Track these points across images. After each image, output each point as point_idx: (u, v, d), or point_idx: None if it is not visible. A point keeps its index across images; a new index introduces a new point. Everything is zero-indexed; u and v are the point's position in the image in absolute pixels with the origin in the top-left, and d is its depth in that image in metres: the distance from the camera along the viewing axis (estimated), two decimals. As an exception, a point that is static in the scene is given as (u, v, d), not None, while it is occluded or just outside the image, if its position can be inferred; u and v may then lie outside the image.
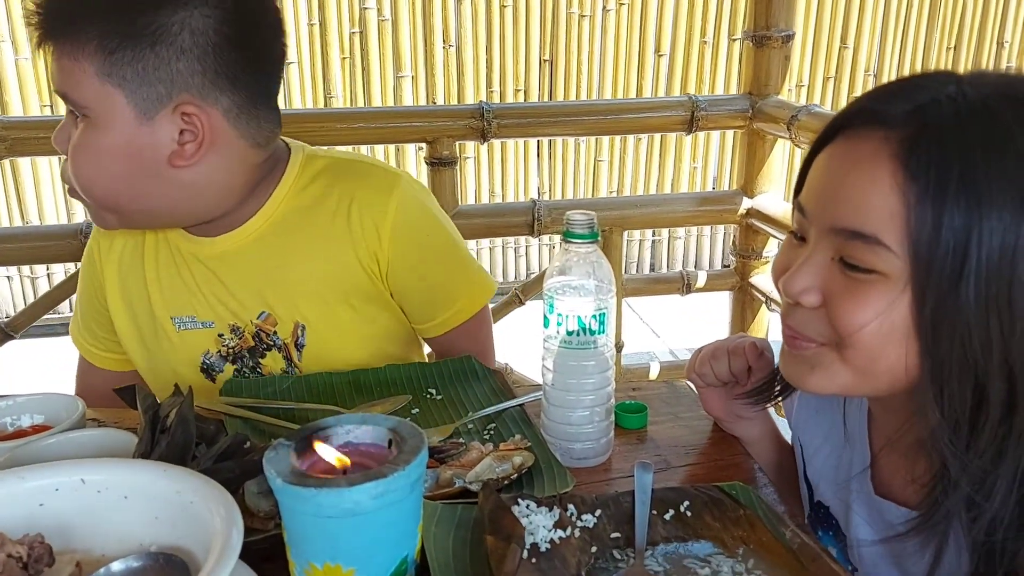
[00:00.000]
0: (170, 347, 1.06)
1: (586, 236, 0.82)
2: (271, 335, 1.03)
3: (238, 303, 1.03)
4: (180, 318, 1.04)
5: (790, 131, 1.84)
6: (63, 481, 0.64)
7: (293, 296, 1.02)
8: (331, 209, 1.01)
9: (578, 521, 0.71)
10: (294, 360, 1.04)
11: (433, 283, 1.07)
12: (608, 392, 0.85)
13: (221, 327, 1.04)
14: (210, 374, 1.05)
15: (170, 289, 1.04)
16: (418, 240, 1.04)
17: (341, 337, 1.04)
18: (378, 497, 0.57)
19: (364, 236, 1.01)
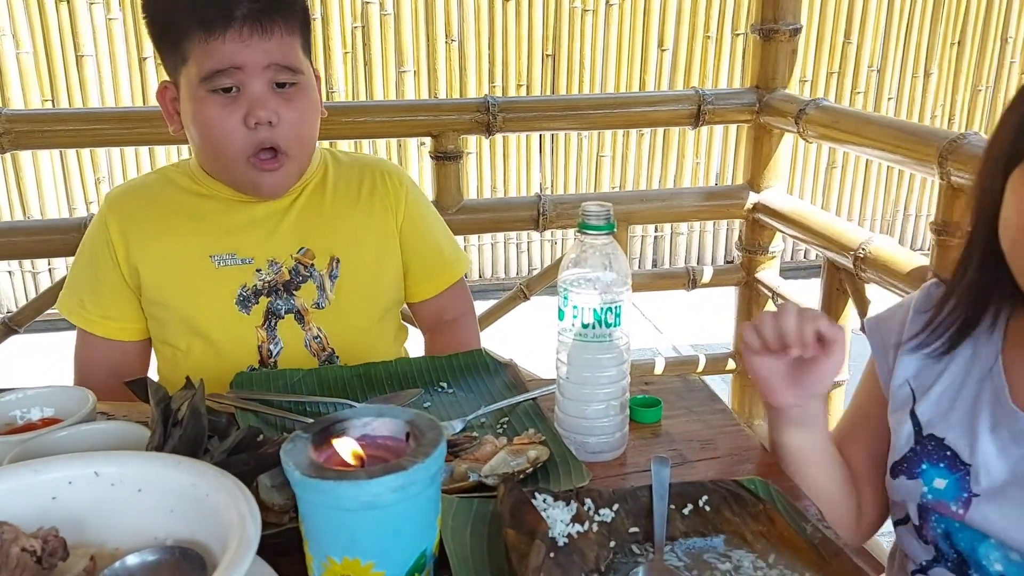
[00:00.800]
0: (208, 285, 1.12)
1: (602, 227, 0.81)
2: (308, 267, 1.15)
3: (278, 238, 1.14)
4: (219, 255, 1.13)
5: (798, 125, 1.83)
6: (77, 474, 0.63)
7: (330, 234, 1.16)
8: (357, 177, 1.21)
9: (596, 515, 0.70)
10: (327, 291, 1.15)
11: (434, 243, 1.26)
12: (624, 386, 0.84)
13: (260, 263, 1.13)
14: (246, 306, 1.13)
15: (210, 232, 1.13)
16: (423, 208, 1.26)
17: (368, 270, 1.18)
18: (398, 490, 0.56)
19: (386, 196, 1.20)
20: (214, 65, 1.01)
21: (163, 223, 1.13)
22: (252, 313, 1.12)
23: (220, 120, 1.03)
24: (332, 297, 1.15)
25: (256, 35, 1.01)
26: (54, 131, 1.70)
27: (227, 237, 1.13)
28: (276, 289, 1.13)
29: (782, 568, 0.65)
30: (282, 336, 1.13)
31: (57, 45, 3.50)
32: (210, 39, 1.00)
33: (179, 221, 1.13)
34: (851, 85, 4.25)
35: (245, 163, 1.07)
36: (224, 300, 1.12)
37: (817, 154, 4.33)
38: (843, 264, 1.73)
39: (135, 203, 1.15)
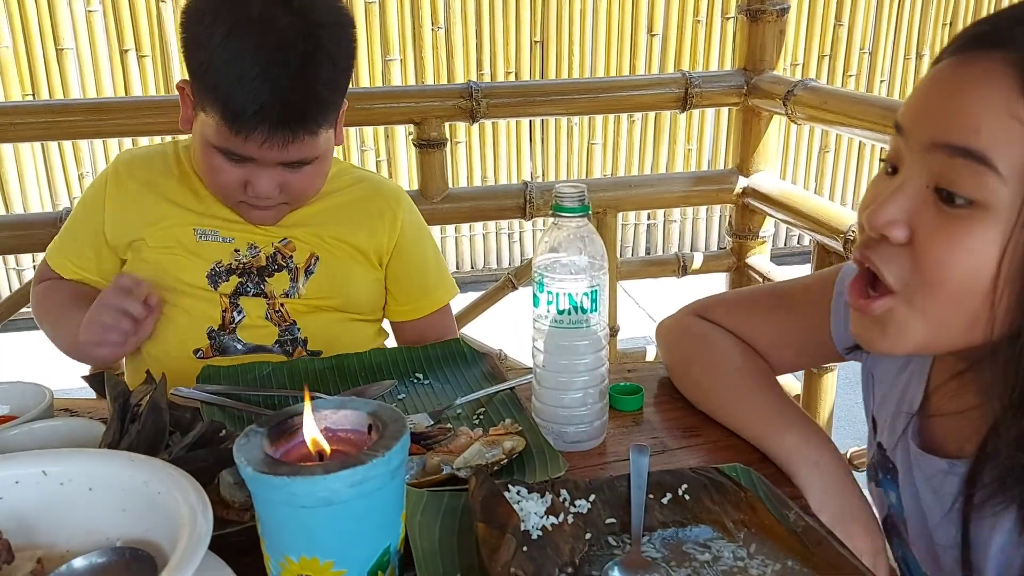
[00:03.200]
0: (185, 253, 1.12)
1: (576, 209, 0.78)
2: (287, 258, 1.14)
3: (264, 229, 1.14)
4: (203, 230, 1.13)
5: (786, 107, 1.79)
6: (23, 473, 0.60)
7: (315, 234, 1.16)
8: (357, 195, 1.20)
9: (571, 507, 0.67)
10: (299, 284, 1.14)
11: (422, 270, 1.25)
12: (602, 373, 0.81)
13: (240, 244, 1.13)
14: (215, 282, 1.12)
15: (200, 210, 1.13)
16: (417, 235, 1.25)
17: (345, 275, 1.17)
18: (356, 485, 0.53)
19: (382, 217, 1.19)
20: (228, 146, 1.01)
21: (161, 195, 1.14)
22: (219, 289, 1.12)
23: (222, 172, 1.05)
24: (303, 291, 1.14)
25: (276, 144, 0.99)
26: (27, 124, 1.66)
27: (215, 219, 1.13)
28: (249, 271, 1.13)
29: (763, 558, 0.62)
30: (244, 306, 1.13)
31: (37, 38, 3.46)
32: (231, 127, 0.98)
33: (175, 194, 1.14)
34: (843, 68, 4.21)
35: (235, 205, 1.11)
36: (197, 271, 1.12)
37: (810, 138, 4.30)
38: (833, 247, 1.70)
39: (141, 171, 1.16)
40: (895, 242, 0.61)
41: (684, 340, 0.94)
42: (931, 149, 0.60)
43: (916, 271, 0.61)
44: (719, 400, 0.87)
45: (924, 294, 0.61)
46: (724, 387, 0.87)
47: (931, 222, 0.60)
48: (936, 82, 0.62)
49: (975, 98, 0.58)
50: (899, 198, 0.61)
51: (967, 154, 0.57)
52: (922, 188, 0.61)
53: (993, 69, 0.58)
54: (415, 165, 1.82)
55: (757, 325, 0.91)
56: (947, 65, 0.62)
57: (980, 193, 0.57)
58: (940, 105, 0.60)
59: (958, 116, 0.58)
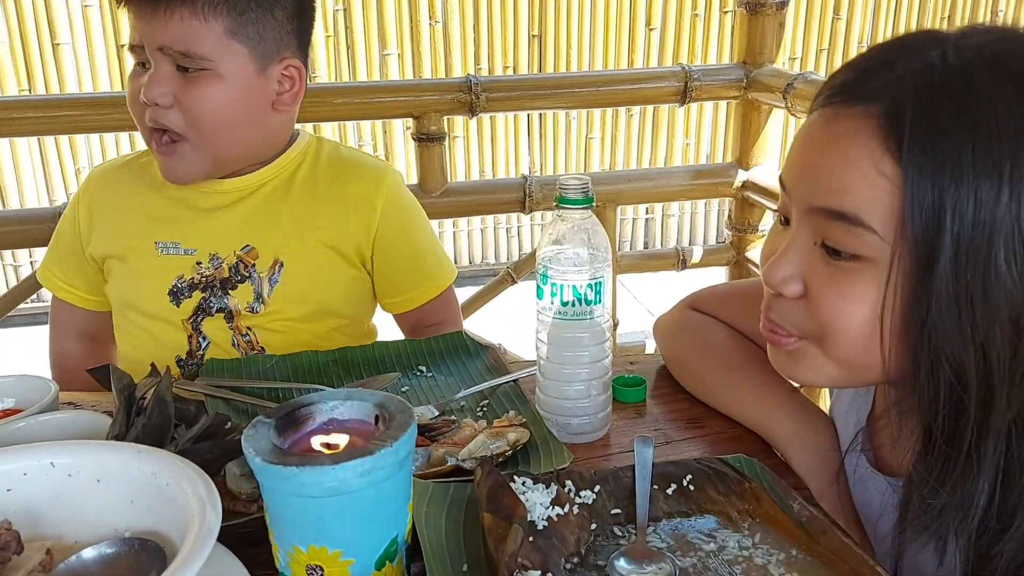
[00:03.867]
0: (148, 270, 1.10)
1: (580, 201, 0.78)
2: (249, 267, 1.09)
3: (226, 234, 1.09)
4: (164, 243, 1.10)
5: (786, 100, 1.80)
6: (31, 465, 0.60)
7: (280, 235, 1.10)
8: (332, 179, 1.13)
9: (576, 498, 0.68)
10: (263, 296, 1.09)
11: (414, 257, 1.17)
12: (605, 365, 0.81)
13: (201, 255, 1.09)
14: (177, 299, 1.10)
15: (161, 217, 1.11)
16: (404, 218, 1.16)
17: (312, 278, 1.11)
18: (365, 475, 0.54)
19: (358, 206, 1.12)
20: (132, 38, 1.01)
21: (127, 205, 1.13)
22: (182, 307, 1.09)
23: (132, 93, 1.02)
24: (269, 302, 1.09)
25: (156, 15, 0.96)
26: (24, 118, 1.65)
27: (176, 224, 1.10)
28: (212, 285, 1.09)
29: (768, 547, 0.63)
30: (208, 332, 1.10)
31: (33, 34, 3.44)
32: (128, 11, 1.00)
33: (141, 204, 1.12)
34: (841, 62, 4.19)
35: (148, 140, 1.05)
36: (159, 289, 1.09)
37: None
38: (832, 240, 1.70)
39: (109, 184, 1.15)
40: (791, 296, 0.63)
41: (681, 334, 0.95)
42: (810, 211, 0.61)
43: (813, 321, 0.63)
44: (719, 389, 0.88)
45: (825, 340, 0.63)
46: (723, 376, 0.88)
47: (821, 275, 0.62)
48: (808, 140, 0.63)
49: (841, 158, 0.59)
50: (791, 255, 0.63)
51: (841, 216, 0.59)
52: (810, 244, 0.63)
53: (855, 126, 0.59)
54: (414, 159, 1.82)
55: (749, 316, 0.91)
56: (816, 120, 0.63)
57: (861, 249, 0.59)
58: (812, 166, 0.61)
59: (828, 178, 0.60)
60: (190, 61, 0.98)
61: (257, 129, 1.07)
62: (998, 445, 0.59)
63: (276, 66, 1.05)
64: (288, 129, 1.13)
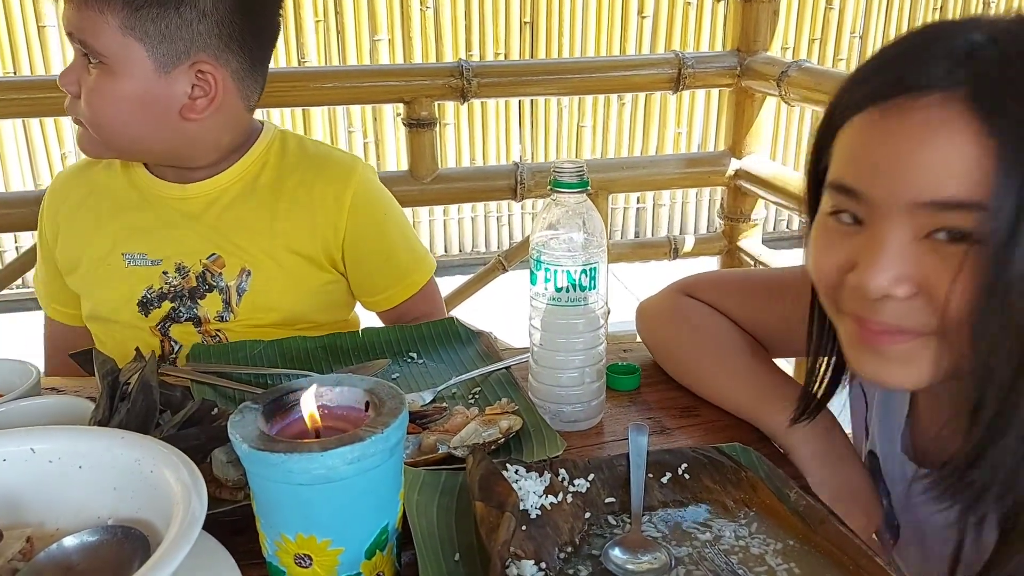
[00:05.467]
0: (115, 281, 1.08)
1: (575, 185, 0.77)
2: (216, 276, 1.06)
3: (192, 243, 1.06)
4: (131, 254, 1.07)
5: (780, 88, 1.78)
6: (11, 451, 0.59)
7: (246, 242, 1.06)
8: (298, 179, 1.09)
9: (570, 486, 0.67)
10: (232, 304, 1.07)
11: (388, 255, 1.14)
12: (599, 352, 0.80)
13: (167, 265, 1.07)
14: (147, 309, 1.08)
15: (126, 227, 1.08)
16: (375, 215, 1.12)
17: (282, 287, 1.07)
18: (354, 462, 0.52)
19: (325, 206, 1.08)
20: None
21: (87, 215, 1.10)
22: (151, 316, 1.07)
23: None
24: (237, 311, 1.06)
25: (75, 4, 0.93)
26: (9, 100, 1.62)
27: (142, 234, 1.07)
28: (181, 295, 1.06)
29: (764, 537, 0.62)
30: (177, 337, 1.08)
31: (18, 15, 3.39)
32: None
33: (104, 211, 1.09)
34: (833, 52, 4.21)
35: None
36: (127, 301, 1.07)
37: (800, 120, 4.30)
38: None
39: (70, 194, 1.12)
40: (903, 296, 0.60)
41: (672, 319, 0.92)
42: (913, 207, 0.58)
43: (937, 315, 0.59)
44: (710, 379, 0.86)
45: (949, 331, 0.59)
46: (715, 365, 0.86)
47: (934, 267, 0.59)
48: (883, 138, 0.60)
49: (938, 148, 0.57)
50: (890, 255, 0.59)
51: (958, 205, 0.57)
52: (909, 240, 0.59)
53: (941, 114, 0.57)
54: (404, 145, 1.80)
55: (746, 307, 0.89)
56: (881, 118, 0.60)
57: (976, 229, 0.56)
58: (903, 164, 0.58)
59: (930, 171, 0.57)
60: (90, 52, 0.95)
61: (163, 133, 1.00)
62: None
63: (185, 69, 0.96)
64: (229, 133, 1.05)
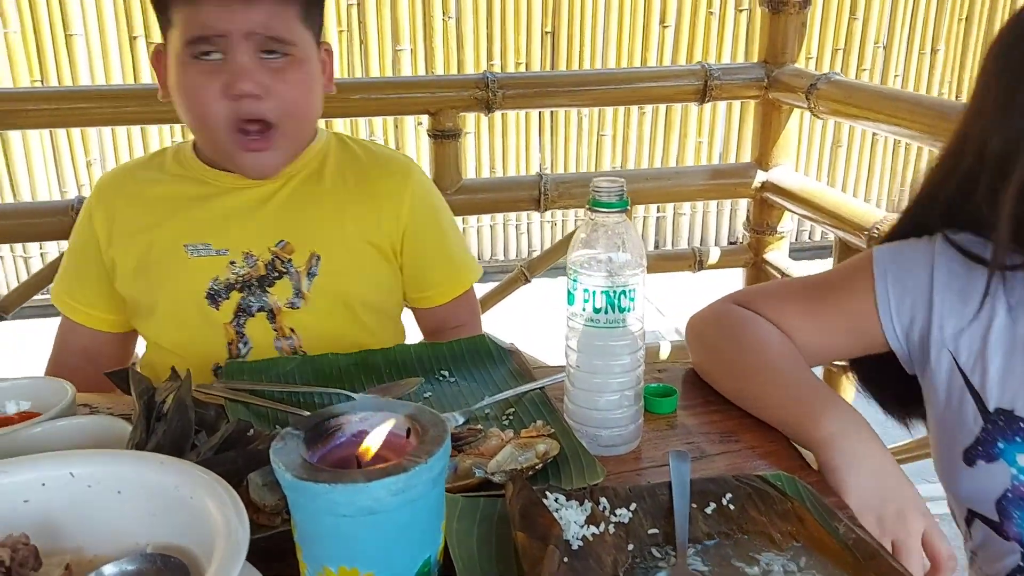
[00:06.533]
0: (180, 275, 1.06)
1: (614, 205, 0.75)
2: (285, 262, 1.07)
3: (258, 230, 1.07)
4: (194, 245, 1.06)
5: (808, 100, 1.77)
6: (50, 475, 0.58)
7: (314, 228, 1.08)
8: (360, 172, 1.12)
9: (612, 516, 0.65)
10: (303, 290, 1.07)
11: (443, 250, 1.18)
12: (638, 375, 0.79)
13: (235, 255, 1.06)
14: (215, 301, 1.06)
15: (188, 220, 1.07)
16: (432, 212, 1.17)
17: (351, 272, 1.10)
18: (399, 493, 0.51)
19: (387, 198, 1.11)
20: (196, 31, 0.96)
21: (144, 212, 1.08)
22: (222, 309, 1.06)
23: (202, 88, 0.98)
24: (308, 296, 1.07)
25: (238, 2, 0.95)
26: (36, 110, 1.64)
27: (204, 225, 1.07)
28: (249, 284, 1.06)
29: (815, 572, 0.60)
30: (251, 335, 1.07)
31: (46, 24, 3.42)
32: (192, 3, 0.95)
33: (160, 209, 1.08)
34: (856, 62, 4.17)
35: (227, 136, 1.00)
36: (194, 294, 1.05)
37: (822, 132, 4.27)
38: (856, 245, 1.67)
39: (122, 191, 1.11)
40: None
41: (719, 326, 0.92)
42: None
43: None
44: (750, 386, 0.86)
45: None
46: (756, 372, 0.85)
47: None
48: None
49: None
50: None
51: None
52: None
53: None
54: (426, 156, 1.79)
55: (799, 313, 0.89)
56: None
57: None
58: None
59: None
60: (278, 46, 0.98)
61: (318, 108, 1.08)
62: None
63: (319, 51, 1.06)
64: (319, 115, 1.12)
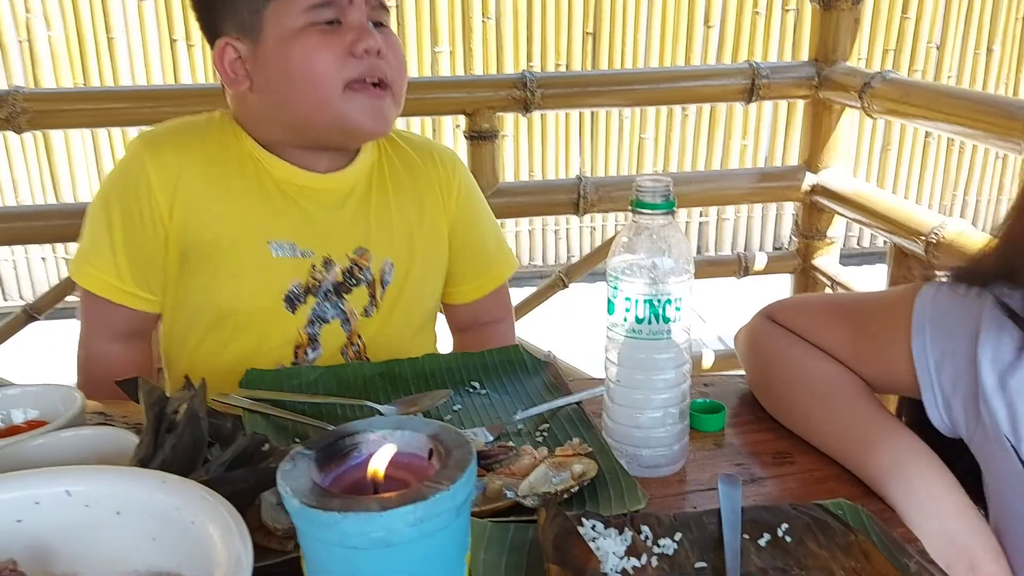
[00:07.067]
0: (260, 272, 1.00)
1: (659, 206, 0.69)
2: (364, 270, 1.05)
3: (339, 236, 1.04)
4: (279, 243, 1.01)
5: (862, 100, 1.68)
6: (45, 493, 0.54)
7: (386, 233, 1.06)
8: (412, 166, 1.10)
9: (655, 547, 0.59)
10: (377, 298, 1.06)
11: (479, 244, 1.15)
12: (683, 390, 0.72)
13: (316, 259, 1.03)
14: (292, 305, 1.02)
15: (271, 213, 1.02)
16: (475, 202, 1.15)
17: (418, 275, 1.08)
18: (417, 524, 0.46)
19: (440, 192, 1.11)
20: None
21: (219, 188, 0.99)
22: (297, 313, 1.01)
23: (320, 48, 0.94)
24: (381, 304, 1.06)
25: None
26: (77, 110, 1.64)
27: (289, 223, 1.01)
28: (327, 291, 1.03)
29: (885, 619, 0.53)
30: (323, 342, 1.03)
31: (88, 27, 3.47)
32: None
33: (237, 190, 0.99)
34: (908, 63, 4.03)
35: (342, 95, 0.95)
36: (273, 295, 1.00)
37: (872, 134, 4.13)
38: (912, 250, 1.59)
39: (185, 153, 0.99)
40: None
41: (760, 347, 0.86)
42: None
43: None
44: (803, 411, 0.79)
45: None
46: (808, 398, 0.79)
47: None
48: None
49: None
50: None
51: None
52: None
53: None
54: (463, 158, 1.75)
55: (830, 335, 0.82)
56: None
57: None
58: None
59: None
60: (382, 13, 1.00)
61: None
62: None
63: None
64: None
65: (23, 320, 1.70)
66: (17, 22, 3.40)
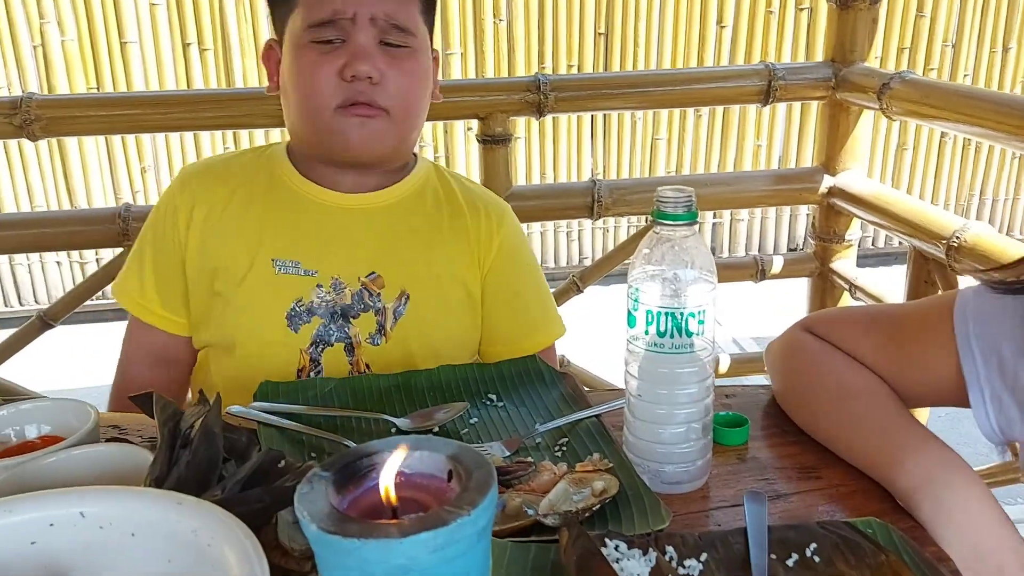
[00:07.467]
0: (262, 289, 1.01)
1: (681, 217, 0.68)
2: (374, 296, 1.02)
3: (351, 258, 1.02)
4: (283, 261, 1.01)
5: (880, 101, 1.66)
6: (59, 514, 0.53)
7: (407, 264, 1.04)
8: (457, 208, 1.08)
9: (680, 568, 0.58)
10: (386, 327, 1.02)
11: (520, 306, 1.11)
12: (707, 405, 0.71)
13: (323, 279, 1.01)
14: (295, 324, 1.01)
15: (278, 230, 1.02)
16: (519, 259, 1.11)
17: (437, 316, 1.05)
18: (438, 550, 0.44)
19: (479, 242, 1.07)
20: (323, 14, 0.94)
21: (238, 214, 1.03)
22: (300, 332, 1.00)
23: (315, 66, 0.95)
24: (390, 335, 1.02)
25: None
26: (91, 116, 1.63)
27: (295, 241, 1.01)
28: (333, 312, 1.00)
29: (919, 645, 0.52)
30: (326, 365, 1.01)
31: (101, 32, 3.48)
32: None
33: (251, 211, 1.03)
34: (924, 61, 3.99)
35: (332, 113, 0.96)
36: (274, 313, 0.99)
37: (887, 135, 4.09)
38: (933, 254, 1.56)
39: (213, 187, 1.04)
40: None
41: (797, 358, 0.85)
42: None
43: None
44: (833, 425, 0.77)
45: None
46: (838, 410, 0.78)
47: None
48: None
49: None
50: None
51: None
52: None
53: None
54: (476, 162, 1.74)
55: (869, 345, 0.80)
56: None
57: None
58: None
59: None
60: (398, 35, 0.97)
61: (423, 118, 1.05)
62: None
63: (431, 52, 1.04)
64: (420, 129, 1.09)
65: (38, 328, 1.70)
66: (32, 27, 3.42)
